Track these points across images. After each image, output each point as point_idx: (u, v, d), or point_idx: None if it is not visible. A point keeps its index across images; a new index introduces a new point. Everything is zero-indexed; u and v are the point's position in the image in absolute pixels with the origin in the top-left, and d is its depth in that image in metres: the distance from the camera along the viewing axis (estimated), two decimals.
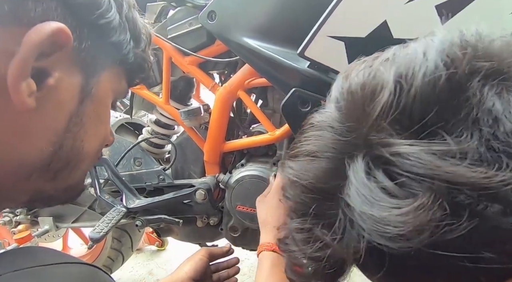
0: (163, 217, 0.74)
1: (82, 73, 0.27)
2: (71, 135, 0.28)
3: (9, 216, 0.92)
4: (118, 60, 0.31)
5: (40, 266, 0.24)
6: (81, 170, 0.31)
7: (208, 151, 0.76)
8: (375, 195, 0.17)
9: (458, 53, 0.18)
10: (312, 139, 0.22)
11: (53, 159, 0.27)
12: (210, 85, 0.73)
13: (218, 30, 0.59)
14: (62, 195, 0.31)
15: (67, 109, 0.27)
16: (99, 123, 0.31)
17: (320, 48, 0.46)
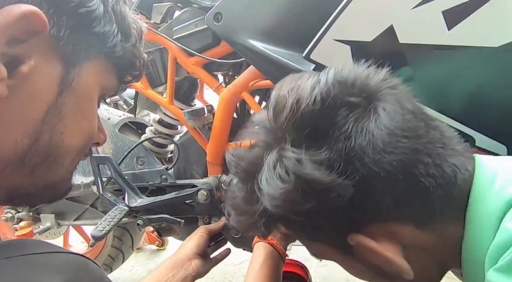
0: (165, 217, 0.74)
1: (61, 63, 0.27)
2: (49, 128, 0.26)
3: (11, 213, 0.93)
4: (103, 52, 0.30)
5: (29, 254, 0.25)
6: (62, 166, 0.29)
7: (211, 152, 0.76)
8: (273, 179, 0.26)
9: (332, 91, 0.27)
10: (250, 133, 0.31)
11: (29, 152, 0.26)
12: (215, 86, 0.74)
13: (224, 32, 0.59)
14: (43, 193, 0.29)
15: (44, 100, 0.26)
16: (82, 118, 0.29)
17: (325, 52, 0.46)
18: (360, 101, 0.27)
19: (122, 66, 0.33)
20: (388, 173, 0.25)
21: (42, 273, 0.23)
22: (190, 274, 0.57)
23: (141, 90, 0.80)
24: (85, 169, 0.84)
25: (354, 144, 0.26)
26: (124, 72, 0.34)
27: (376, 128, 0.26)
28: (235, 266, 1.26)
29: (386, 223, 0.28)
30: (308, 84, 0.28)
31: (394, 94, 0.28)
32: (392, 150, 0.25)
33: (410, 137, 0.26)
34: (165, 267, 0.57)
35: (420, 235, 0.28)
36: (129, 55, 0.32)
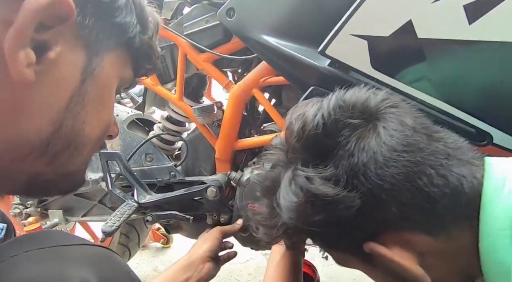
0: (174, 213, 0.74)
1: (85, 51, 0.27)
2: (72, 116, 0.27)
3: (20, 208, 0.93)
4: (123, 42, 0.30)
5: (60, 246, 0.26)
6: (81, 156, 0.30)
7: (220, 148, 0.76)
8: (288, 195, 0.30)
9: (332, 116, 0.30)
10: (270, 156, 0.36)
11: (53, 138, 0.26)
12: (225, 83, 0.73)
13: (237, 28, 0.59)
14: (61, 182, 0.30)
15: (69, 87, 0.26)
16: (102, 108, 0.30)
17: (342, 47, 0.46)
18: (360, 123, 0.30)
19: (139, 58, 0.33)
20: (392, 185, 0.28)
21: (72, 265, 0.24)
22: (203, 277, 0.58)
23: (150, 87, 0.80)
24: (93, 165, 0.84)
25: (357, 161, 0.28)
26: (140, 65, 0.34)
27: (376, 146, 0.28)
28: (241, 265, 1.26)
29: (398, 231, 0.29)
30: (312, 110, 0.32)
31: (394, 113, 0.30)
32: (393, 164, 0.28)
33: (410, 152, 0.28)
34: (179, 269, 0.58)
35: (433, 242, 0.29)
36: (146, 47, 0.33)
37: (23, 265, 0.23)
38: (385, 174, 0.27)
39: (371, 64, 0.45)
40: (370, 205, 0.28)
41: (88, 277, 0.23)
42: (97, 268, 0.25)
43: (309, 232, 0.32)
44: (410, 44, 0.42)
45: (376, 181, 0.28)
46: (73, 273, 0.23)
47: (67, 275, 0.23)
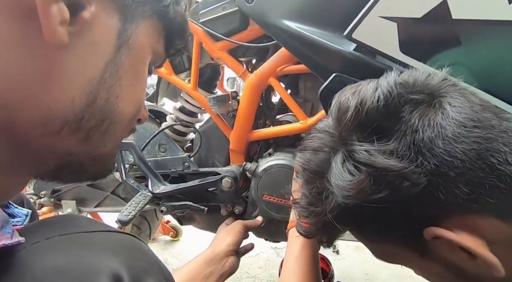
0: (188, 204, 0.73)
1: (120, 16, 0.25)
2: (106, 88, 0.25)
3: (33, 198, 0.93)
4: (158, 11, 0.28)
5: (84, 232, 0.24)
6: (114, 137, 0.28)
7: (235, 139, 0.75)
8: (342, 174, 0.29)
9: (395, 90, 0.29)
10: (315, 139, 0.33)
11: (87, 113, 0.24)
12: (240, 72, 0.72)
13: (256, 13, 0.57)
14: (92, 165, 0.28)
15: (103, 54, 0.24)
16: (136, 83, 0.28)
17: (370, 30, 0.44)
18: (423, 98, 0.29)
19: (172, 32, 0.31)
20: (462, 162, 0.26)
21: (100, 254, 0.22)
22: (226, 272, 0.59)
23: (164, 76, 0.79)
24: None
25: (423, 136, 0.27)
26: (173, 39, 0.32)
27: (444, 121, 0.27)
28: (251, 258, 1.25)
29: (465, 215, 0.27)
30: (369, 87, 0.30)
31: (457, 91, 0.29)
32: (464, 140, 0.26)
33: (481, 127, 0.26)
34: (204, 262, 0.58)
35: (505, 228, 0.26)
36: (180, 19, 0.31)
37: (46, 254, 0.21)
38: (454, 150, 0.26)
39: (400, 48, 0.43)
40: (437, 184, 0.26)
41: (118, 267, 0.21)
42: (126, 257, 0.23)
43: (360, 220, 0.30)
44: (444, 26, 0.40)
45: (444, 157, 0.26)
46: (102, 263, 0.21)
47: (96, 265, 0.21)
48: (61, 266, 0.20)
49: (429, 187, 0.26)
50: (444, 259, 0.28)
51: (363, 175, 0.27)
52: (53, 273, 0.20)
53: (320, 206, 0.32)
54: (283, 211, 0.70)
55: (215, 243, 0.63)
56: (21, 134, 0.22)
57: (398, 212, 0.28)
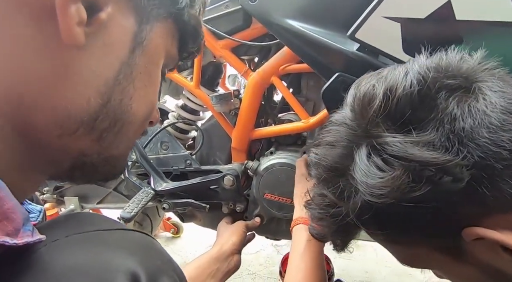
0: (190, 201, 0.74)
1: (135, 18, 0.25)
2: (121, 89, 0.25)
3: (36, 194, 0.94)
4: (172, 13, 0.28)
5: (101, 230, 0.24)
6: (126, 138, 0.28)
7: (237, 138, 0.75)
8: (370, 170, 0.25)
9: (429, 74, 0.26)
10: (331, 132, 0.30)
11: (101, 113, 0.24)
12: (243, 71, 0.72)
13: (259, 12, 0.57)
14: (103, 166, 0.28)
15: (118, 56, 0.24)
16: (149, 84, 0.28)
17: (373, 30, 0.44)
18: (459, 84, 0.26)
19: (186, 35, 0.31)
20: (510, 152, 0.23)
21: (117, 253, 0.22)
22: (231, 269, 0.61)
23: (167, 74, 0.79)
24: None
25: (464, 125, 0.24)
26: (186, 43, 0.32)
27: (487, 108, 0.24)
28: (251, 255, 1.26)
29: (509, 213, 0.24)
30: (397, 72, 0.27)
31: (494, 75, 0.27)
32: (511, 127, 0.23)
33: None
34: (211, 259, 0.60)
35: None
36: (194, 22, 0.30)
37: (65, 251, 0.21)
38: (501, 138, 0.23)
39: (403, 49, 0.44)
40: (481, 178, 0.23)
41: (135, 267, 0.21)
42: (142, 256, 0.23)
43: (389, 220, 0.26)
44: (448, 27, 0.40)
45: (490, 147, 0.23)
46: (119, 262, 0.21)
47: (114, 264, 0.21)
48: (80, 264, 0.20)
49: (472, 182, 0.23)
50: (481, 261, 0.26)
51: (398, 170, 0.24)
52: (73, 271, 0.20)
53: (341, 206, 0.28)
54: (284, 209, 0.71)
55: (220, 242, 0.65)
56: (37, 135, 0.22)
57: (435, 211, 0.25)
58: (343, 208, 0.28)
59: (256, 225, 0.73)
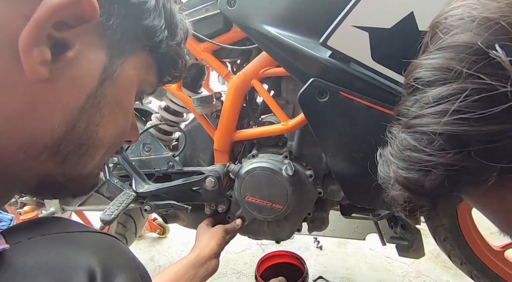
0: (172, 203, 0.75)
1: (106, 52, 0.26)
2: (87, 117, 0.26)
3: (15, 197, 0.92)
4: (148, 46, 0.29)
5: (65, 233, 0.25)
6: (93, 159, 0.29)
7: (219, 139, 0.76)
8: None
9: None
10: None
11: (65, 139, 0.25)
12: (224, 73, 0.73)
13: (238, 17, 0.59)
14: (71, 185, 0.29)
15: (85, 88, 0.25)
16: (118, 111, 0.29)
17: (343, 38, 0.46)
18: None
19: (164, 64, 0.32)
20: None
21: (79, 252, 0.24)
22: (209, 273, 0.63)
23: None
24: None
25: None
26: (165, 71, 0.33)
27: None
28: (237, 254, 1.28)
29: None
30: None
31: None
32: None
33: None
34: (189, 264, 0.61)
35: None
36: (172, 53, 0.31)
37: (28, 252, 0.22)
38: None
39: (372, 56, 0.46)
40: None
41: (94, 265, 0.23)
42: (103, 255, 0.24)
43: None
44: (411, 37, 0.43)
45: None
46: (80, 260, 0.23)
47: (74, 262, 0.23)
48: (42, 263, 0.22)
49: None
50: None
51: None
52: (35, 269, 0.21)
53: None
54: (265, 211, 0.72)
55: (198, 246, 0.66)
56: (4, 158, 0.23)
57: None
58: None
59: (236, 228, 0.74)
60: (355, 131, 0.53)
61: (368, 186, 0.62)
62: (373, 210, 0.77)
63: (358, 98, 0.50)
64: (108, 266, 0.24)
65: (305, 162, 0.73)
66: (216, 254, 0.66)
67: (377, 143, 0.51)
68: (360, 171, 0.57)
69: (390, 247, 0.83)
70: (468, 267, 0.84)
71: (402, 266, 1.13)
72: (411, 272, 1.10)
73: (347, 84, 0.50)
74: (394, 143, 0.26)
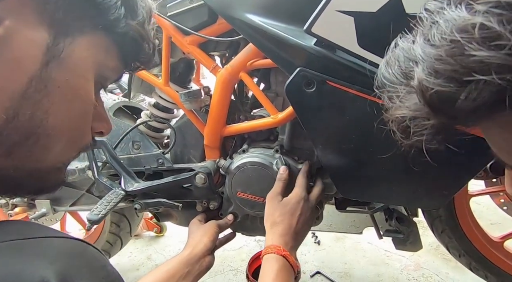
0: (162, 201, 0.73)
1: (49, 30, 0.24)
2: (31, 103, 0.24)
3: (5, 199, 0.91)
4: (101, 25, 0.27)
5: (22, 239, 0.23)
6: (49, 151, 0.26)
7: (209, 135, 0.74)
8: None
9: None
10: None
11: (6, 128, 0.23)
12: (211, 67, 0.71)
13: (221, 7, 0.56)
14: (28, 182, 0.27)
15: (26, 70, 0.23)
16: (73, 97, 0.26)
17: (328, 24, 0.44)
18: None
19: (126, 47, 0.30)
20: None
21: (33, 263, 0.21)
22: (202, 271, 0.60)
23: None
24: None
25: None
26: (129, 55, 0.31)
27: None
28: (234, 252, 1.27)
29: None
30: None
31: None
32: None
33: None
34: (181, 262, 0.59)
35: None
36: (134, 34, 0.29)
37: None
38: None
39: (358, 42, 0.44)
40: None
41: (50, 277, 0.21)
42: (63, 265, 0.22)
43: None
44: (398, 20, 0.41)
45: None
46: (33, 272, 0.21)
47: (26, 274, 0.20)
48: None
49: None
50: None
51: None
52: None
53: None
54: (257, 207, 0.71)
55: (191, 243, 0.64)
56: None
57: None
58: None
59: (229, 223, 0.72)
60: (344, 122, 0.51)
61: (359, 179, 0.61)
62: (368, 203, 0.75)
63: (346, 87, 0.48)
64: (67, 277, 0.22)
65: (297, 155, 0.71)
66: (210, 250, 0.63)
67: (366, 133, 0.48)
68: (351, 163, 0.56)
69: (388, 240, 0.82)
70: (466, 258, 0.82)
71: (401, 259, 1.11)
72: (410, 265, 1.08)
73: (334, 73, 0.48)
74: (432, 28, 0.18)
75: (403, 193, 0.55)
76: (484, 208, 1.29)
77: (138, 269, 1.25)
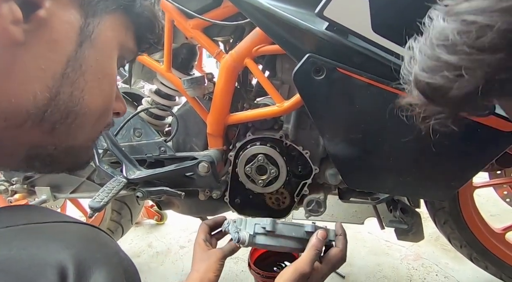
0: (165, 189, 0.72)
1: (80, 12, 0.25)
2: (70, 82, 0.25)
3: (5, 185, 0.90)
4: (122, 5, 0.28)
5: (34, 224, 0.23)
6: (83, 130, 0.28)
7: (212, 123, 0.73)
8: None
9: None
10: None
11: (50, 106, 0.25)
12: (215, 53, 0.69)
13: None
14: (64, 158, 0.28)
15: (64, 50, 0.25)
16: (102, 76, 0.28)
17: (341, 7, 0.42)
18: None
19: (141, 26, 0.31)
20: None
21: (49, 246, 0.22)
22: None
23: None
24: None
25: None
26: (143, 34, 0.32)
27: None
28: None
29: None
30: None
31: None
32: None
33: None
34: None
35: None
36: (148, 14, 0.31)
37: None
38: None
39: (372, 27, 0.42)
40: None
41: (66, 261, 0.21)
42: (78, 249, 0.22)
43: None
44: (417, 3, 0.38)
45: None
46: (49, 256, 0.21)
47: (42, 259, 0.20)
48: (1, 260, 0.20)
49: None
50: None
51: None
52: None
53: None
54: None
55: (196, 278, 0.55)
56: None
57: None
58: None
59: (236, 249, 0.61)
60: (354, 111, 0.50)
61: (367, 169, 0.60)
62: (371, 194, 0.75)
63: (357, 75, 0.46)
64: (84, 262, 0.22)
65: (302, 145, 0.70)
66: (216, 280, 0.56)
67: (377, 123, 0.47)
68: (359, 153, 0.54)
69: (388, 230, 0.82)
70: (468, 250, 0.83)
71: (401, 249, 1.12)
72: (410, 255, 1.09)
73: (345, 60, 0.46)
74: (428, 33, 0.22)
75: (410, 184, 0.55)
76: (484, 200, 1.29)
77: (139, 256, 1.26)
